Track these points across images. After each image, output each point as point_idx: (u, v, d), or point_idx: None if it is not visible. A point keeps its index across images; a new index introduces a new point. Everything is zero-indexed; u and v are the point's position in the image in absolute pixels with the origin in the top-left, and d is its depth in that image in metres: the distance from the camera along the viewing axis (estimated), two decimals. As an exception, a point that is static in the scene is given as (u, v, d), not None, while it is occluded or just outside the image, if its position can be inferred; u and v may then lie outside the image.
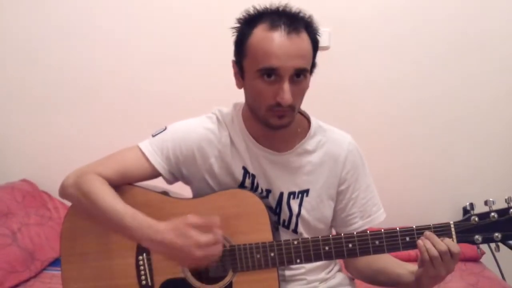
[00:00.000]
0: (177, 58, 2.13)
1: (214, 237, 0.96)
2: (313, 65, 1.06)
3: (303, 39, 0.99)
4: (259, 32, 0.99)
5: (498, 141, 2.16)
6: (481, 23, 2.07)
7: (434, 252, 0.96)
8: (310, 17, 1.03)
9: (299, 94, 1.02)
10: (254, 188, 1.13)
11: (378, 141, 2.09)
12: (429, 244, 0.97)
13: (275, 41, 0.97)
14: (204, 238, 0.95)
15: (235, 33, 1.05)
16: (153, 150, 1.12)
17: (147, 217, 1.00)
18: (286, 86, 0.97)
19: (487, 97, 2.12)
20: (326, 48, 2.04)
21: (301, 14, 1.02)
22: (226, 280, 1.06)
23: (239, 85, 1.09)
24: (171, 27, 2.11)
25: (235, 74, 1.09)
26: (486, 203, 0.99)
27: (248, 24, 1.02)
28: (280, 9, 1.02)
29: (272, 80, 0.98)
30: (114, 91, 2.16)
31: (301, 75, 1.00)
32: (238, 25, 1.05)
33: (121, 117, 2.17)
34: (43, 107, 2.18)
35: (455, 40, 2.08)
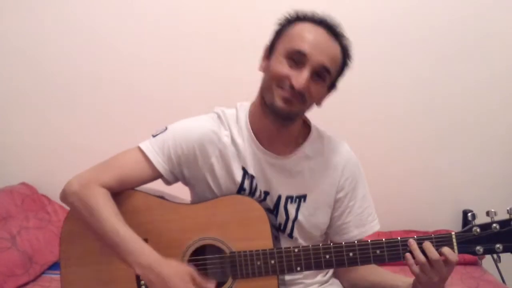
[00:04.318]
0: (177, 60, 2.11)
1: None
2: (333, 85, 1.10)
3: (338, 48, 1.05)
4: (302, 24, 1.05)
5: (498, 143, 2.14)
6: (481, 27, 2.05)
7: (421, 258, 0.97)
8: (349, 41, 1.08)
9: (314, 92, 1.03)
10: (252, 190, 1.12)
11: (377, 145, 2.08)
12: (417, 250, 0.99)
13: (314, 32, 1.03)
14: None
15: (281, 23, 1.09)
16: (154, 150, 1.11)
17: (149, 246, 1.01)
18: (306, 73, 1.00)
19: (487, 100, 2.11)
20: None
21: (343, 33, 1.07)
22: (226, 286, 1.06)
23: (262, 68, 1.11)
24: (171, 28, 2.09)
25: (263, 58, 1.11)
26: (488, 213, 0.98)
27: (296, 18, 1.08)
28: (328, 20, 1.06)
29: (294, 65, 1.01)
30: (113, 94, 2.14)
31: (321, 77, 1.03)
32: (287, 17, 1.09)
33: (120, 119, 2.15)
34: (41, 110, 2.17)
35: (454, 44, 2.06)
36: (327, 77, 1.04)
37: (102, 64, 2.13)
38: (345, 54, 1.07)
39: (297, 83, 0.99)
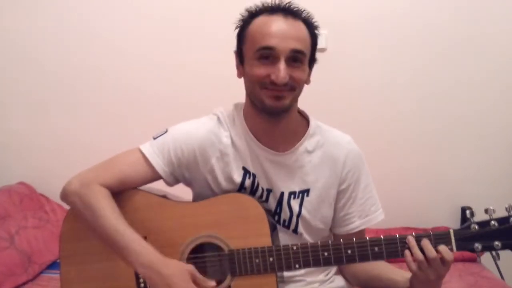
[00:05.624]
0: (178, 59, 2.11)
1: None
2: (313, 59, 1.09)
3: (301, 26, 1.03)
4: (259, 19, 1.04)
5: (496, 141, 2.15)
6: (480, 24, 2.06)
7: (419, 256, 0.97)
8: (308, 13, 1.07)
9: (297, 78, 1.03)
10: (254, 188, 1.12)
11: (376, 143, 2.08)
12: (415, 248, 0.98)
13: (273, 23, 1.01)
14: None
15: (238, 25, 1.09)
16: (154, 153, 1.11)
17: (149, 245, 1.02)
18: (282, 64, 0.99)
19: (486, 98, 2.11)
20: (323, 50, 2.03)
21: (299, 9, 1.06)
22: (225, 284, 1.06)
23: (239, 74, 1.11)
24: (172, 27, 2.10)
25: (237, 65, 1.12)
26: (486, 211, 0.98)
27: (249, 16, 1.07)
28: (281, 4, 1.06)
29: (268, 62, 1.01)
30: (112, 94, 2.15)
31: (298, 61, 1.02)
32: (241, 18, 1.09)
33: (119, 119, 2.15)
34: (40, 110, 2.17)
35: (454, 41, 2.07)
36: (303, 58, 1.03)
37: (101, 63, 2.13)
38: (310, 27, 1.06)
39: (278, 78, 0.99)
